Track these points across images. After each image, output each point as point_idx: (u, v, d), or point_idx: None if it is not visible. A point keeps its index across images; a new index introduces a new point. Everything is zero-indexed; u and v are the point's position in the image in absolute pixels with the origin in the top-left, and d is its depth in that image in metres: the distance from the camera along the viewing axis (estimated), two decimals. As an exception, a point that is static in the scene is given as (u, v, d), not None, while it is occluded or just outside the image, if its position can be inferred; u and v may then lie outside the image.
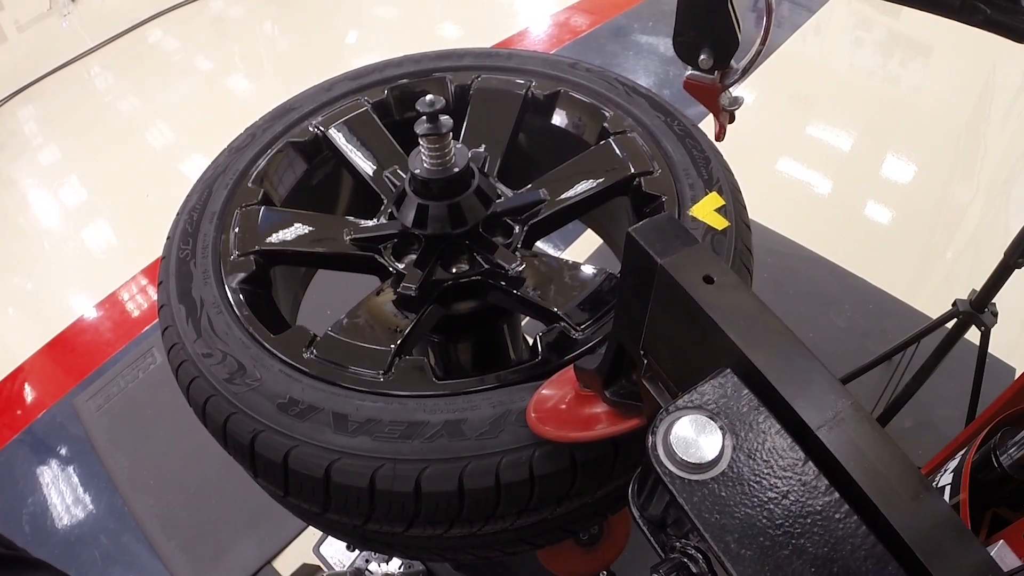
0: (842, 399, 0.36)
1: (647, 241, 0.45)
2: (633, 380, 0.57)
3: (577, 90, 1.01)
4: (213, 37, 3.72)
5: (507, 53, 1.08)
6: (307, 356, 0.73)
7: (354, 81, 1.06)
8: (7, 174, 2.94)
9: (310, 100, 1.04)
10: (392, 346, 0.74)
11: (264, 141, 0.98)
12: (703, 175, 0.86)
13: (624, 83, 1.01)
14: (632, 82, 1.02)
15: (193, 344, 0.74)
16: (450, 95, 1.05)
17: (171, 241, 0.87)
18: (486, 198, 0.84)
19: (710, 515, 0.33)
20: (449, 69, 1.06)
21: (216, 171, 0.94)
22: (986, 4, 0.72)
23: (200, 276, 0.81)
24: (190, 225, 0.88)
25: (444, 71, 1.06)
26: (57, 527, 1.81)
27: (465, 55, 1.08)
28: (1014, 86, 2.99)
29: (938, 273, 2.29)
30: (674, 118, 0.95)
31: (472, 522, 0.66)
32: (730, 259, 0.79)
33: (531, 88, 1.01)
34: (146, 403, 2.00)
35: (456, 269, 0.84)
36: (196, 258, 0.83)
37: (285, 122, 1.01)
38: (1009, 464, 0.90)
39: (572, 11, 3.59)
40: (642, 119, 0.95)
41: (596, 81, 1.01)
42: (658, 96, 1.00)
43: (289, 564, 1.67)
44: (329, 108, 1.02)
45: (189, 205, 0.91)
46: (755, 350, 0.38)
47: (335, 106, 1.02)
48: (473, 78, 1.04)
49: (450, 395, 0.68)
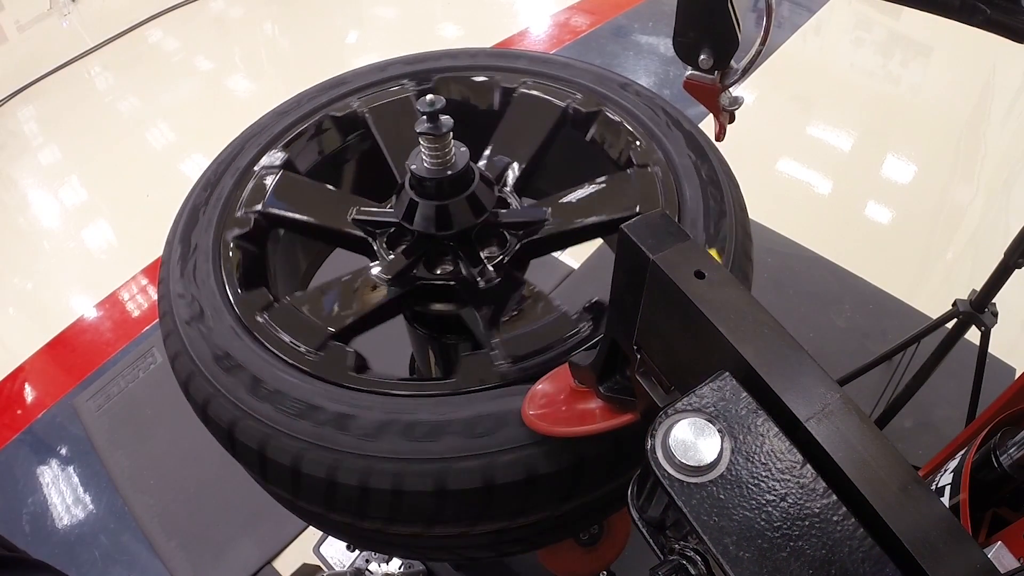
0: (831, 392, 0.37)
1: (640, 237, 0.45)
2: (627, 376, 0.58)
3: (618, 113, 0.97)
4: (213, 37, 3.72)
5: (563, 62, 1.04)
6: (259, 319, 0.75)
7: (408, 66, 1.06)
8: (7, 174, 2.95)
9: (362, 77, 1.04)
10: (331, 328, 0.76)
11: (307, 109, 1.00)
12: (709, 229, 0.82)
13: (669, 114, 0.96)
14: (679, 113, 0.97)
15: (175, 283, 0.79)
16: (496, 97, 1.03)
17: (194, 187, 0.91)
18: (480, 205, 0.83)
19: (709, 517, 0.33)
20: (501, 69, 1.04)
21: (255, 130, 0.98)
22: (986, 4, 0.72)
23: (204, 223, 0.85)
24: (214, 175, 0.92)
25: (496, 70, 1.04)
26: (57, 527, 1.81)
27: (521, 57, 1.06)
28: (1014, 86, 2.99)
29: (938, 273, 2.29)
30: (706, 161, 0.90)
31: (346, 514, 0.69)
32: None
33: (573, 103, 0.98)
34: (146, 403, 2.00)
35: (440, 270, 0.84)
36: (208, 206, 0.87)
37: (332, 94, 1.02)
38: (1009, 464, 0.90)
39: (572, 11, 3.59)
40: (672, 156, 0.90)
41: (641, 107, 0.97)
42: (700, 134, 0.93)
43: (289, 564, 1.67)
44: (377, 88, 1.02)
45: (220, 157, 0.94)
46: (745, 344, 0.39)
47: (382, 87, 1.03)
48: (520, 82, 1.01)
49: (354, 390, 0.70)
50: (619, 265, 0.49)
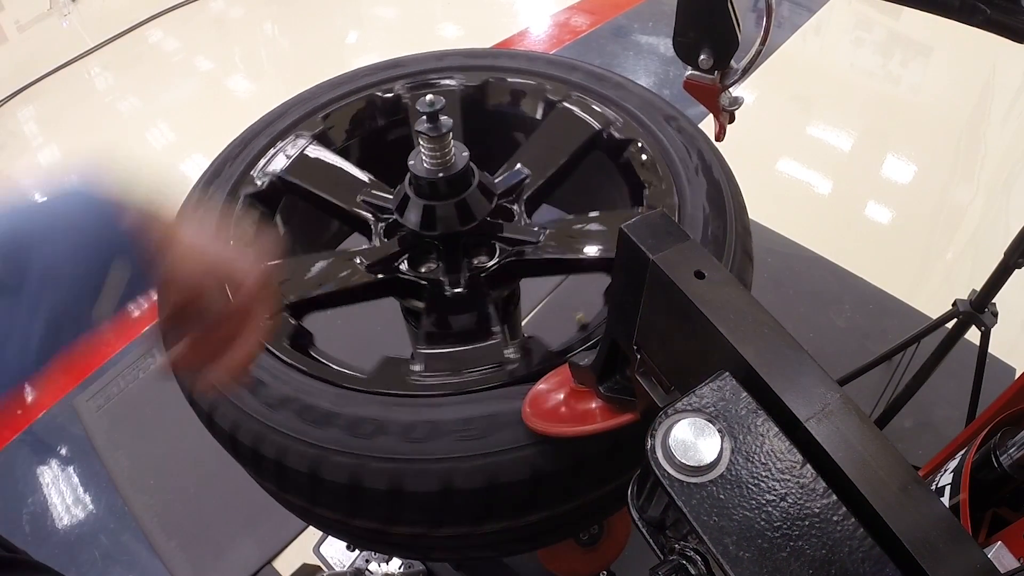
0: (831, 392, 0.37)
1: (639, 237, 0.45)
2: (627, 375, 0.58)
3: (651, 146, 0.92)
4: (213, 37, 3.72)
5: (616, 81, 1.01)
6: None
7: (466, 59, 1.05)
8: (7, 174, 2.94)
9: (418, 63, 1.05)
10: (289, 297, 0.78)
11: (358, 85, 1.02)
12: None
13: (703, 156, 0.89)
14: (713, 158, 0.89)
15: (180, 216, 0.83)
16: (539, 106, 1.02)
17: (231, 143, 0.96)
18: (470, 212, 0.82)
19: (708, 517, 0.33)
20: (556, 79, 1.02)
21: (304, 97, 1.01)
22: (986, 4, 0.72)
23: (226, 175, 0.89)
24: (250, 135, 0.96)
25: (549, 79, 1.02)
26: (57, 527, 1.81)
27: (577, 70, 1.03)
28: (1014, 86, 2.99)
29: (938, 273, 2.29)
30: (719, 217, 0.84)
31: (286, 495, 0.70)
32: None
33: (610, 127, 0.94)
34: (146, 403, 2.00)
35: (424, 268, 0.84)
36: (235, 161, 0.92)
37: (384, 75, 1.03)
38: (1009, 464, 0.90)
39: (572, 11, 3.59)
40: (685, 205, 0.85)
41: (677, 144, 0.91)
42: (729, 186, 0.86)
43: (289, 564, 1.67)
44: (429, 76, 1.02)
45: (261, 118, 0.99)
46: (745, 344, 0.39)
47: (433, 76, 1.03)
48: (565, 95, 0.99)
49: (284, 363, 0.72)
50: (619, 265, 0.49)
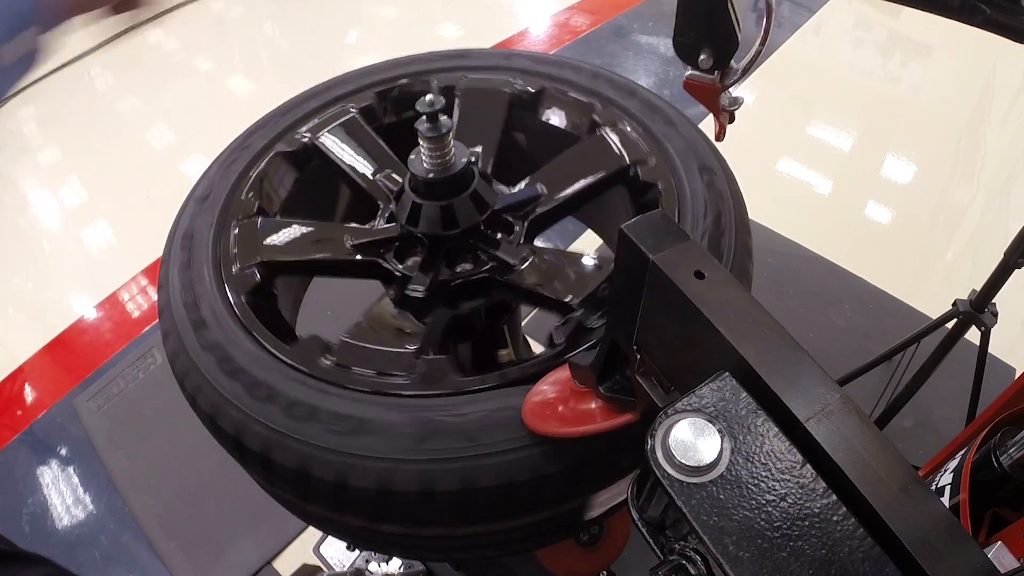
0: (831, 392, 0.37)
1: (639, 237, 0.45)
2: (627, 376, 0.58)
3: (670, 194, 0.88)
4: (213, 37, 3.72)
5: (669, 117, 0.94)
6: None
7: (532, 62, 1.03)
8: (7, 174, 2.94)
9: (484, 58, 1.05)
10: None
11: (418, 69, 1.04)
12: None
13: (719, 221, 0.83)
14: (731, 223, 0.83)
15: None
16: (583, 125, 0.98)
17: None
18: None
19: (708, 517, 0.33)
20: (612, 103, 0.96)
21: (365, 71, 1.04)
22: (986, 4, 0.72)
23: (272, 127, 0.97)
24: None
25: (603, 100, 0.97)
26: (57, 527, 1.81)
27: (634, 96, 0.96)
28: (1014, 86, 2.99)
29: (938, 273, 2.29)
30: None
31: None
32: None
33: (636, 167, 0.90)
34: (146, 403, 2.00)
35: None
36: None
37: (447, 63, 1.04)
38: (1009, 464, 0.90)
39: (572, 11, 3.59)
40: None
41: (711, 199, 0.86)
42: (734, 256, 0.81)
43: (289, 564, 1.67)
44: (488, 73, 1.01)
45: (322, 83, 1.04)
46: (745, 344, 0.39)
47: (488, 73, 1.02)
48: (610, 120, 0.94)
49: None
50: (619, 265, 0.49)
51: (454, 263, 0.84)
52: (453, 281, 0.82)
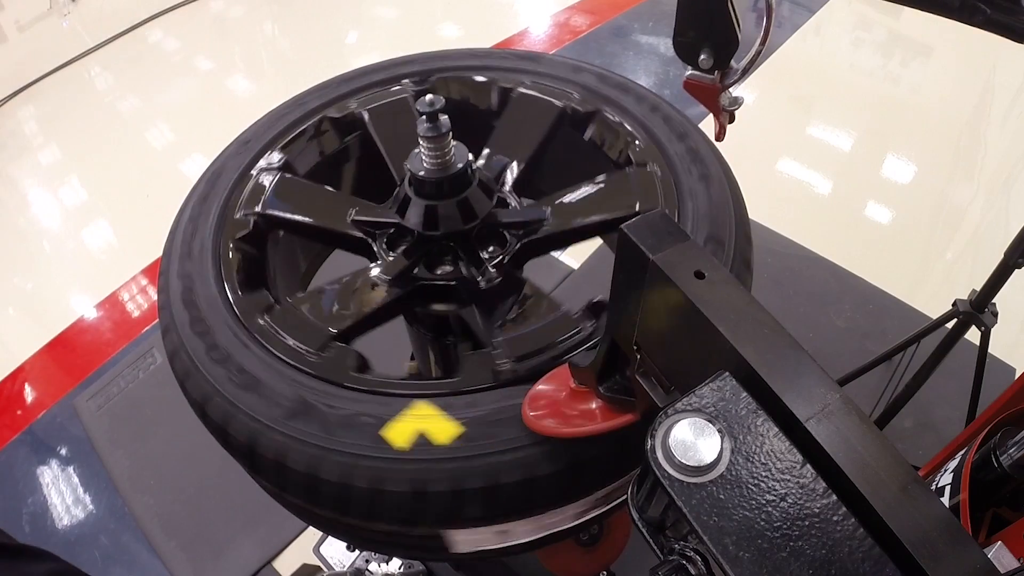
0: (831, 392, 0.37)
1: (640, 237, 0.45)
2: (627, 376, 0.58)
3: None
4: (213, 37, 3.72)
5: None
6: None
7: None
8: (7, 174, 2.95)
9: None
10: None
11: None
12: None
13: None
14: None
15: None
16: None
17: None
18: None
19: (708, 517, 0.33)
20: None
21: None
22: (986, 4, 0.72)
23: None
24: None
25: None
26: (57, 527, 1.81)
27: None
28: (1014, 86, 2.99)
29: (938, 273, 2.29)
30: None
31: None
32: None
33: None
34: (146, 403, 2.00)
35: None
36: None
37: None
38: (1009, 464, 0.90)
39: (572, 11, 3.59)
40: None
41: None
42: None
43: (289, 564, 1.67)
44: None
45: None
46: (745, 344, 0.39)
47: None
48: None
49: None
50: (619, 265, 0.49)
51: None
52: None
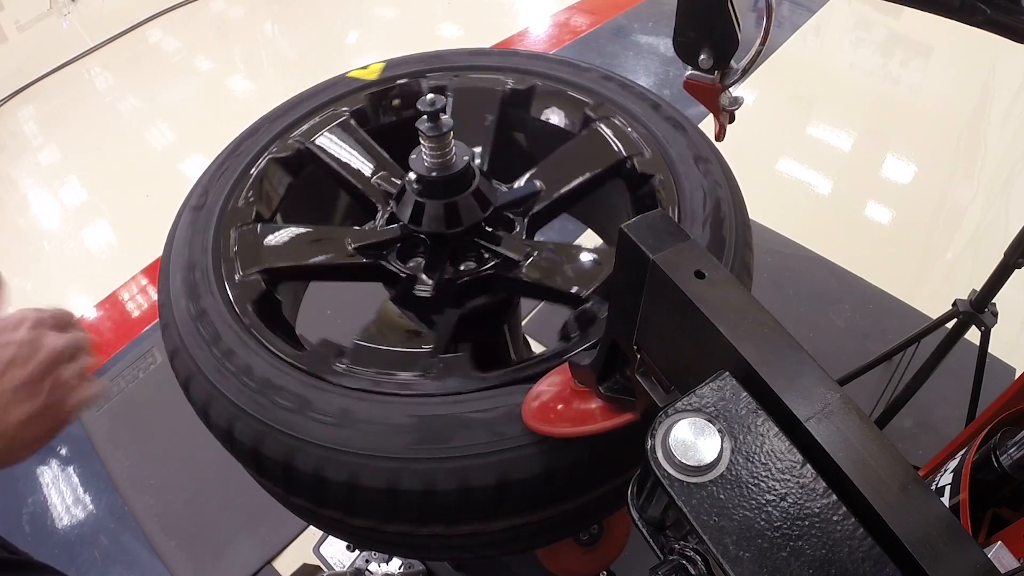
0: (831, 392, 0.37)
1: (639, 237, 0.45)
2: (627, 375, 0.58)
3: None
4: (213, 37, 3.72)
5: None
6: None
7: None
8: (7, 174, 2.94)
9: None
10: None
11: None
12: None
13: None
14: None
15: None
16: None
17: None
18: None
19: (708, 517, 0.33)
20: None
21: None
22: (986, 4, 0.72)
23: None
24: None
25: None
26: (57, 527, 1.81)
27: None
28: (1014, 86, 2.99)
29: (938, 273, 2.29)
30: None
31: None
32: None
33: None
34: (146, 403, 2.00)
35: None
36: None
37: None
38: (1009, 464, 0.90)
39: (572, 11, 3.59)
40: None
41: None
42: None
43: (289, 564, 1.67)
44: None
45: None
46: (745, 344, 0.39)
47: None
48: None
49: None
50: (619, 265, 0.49)
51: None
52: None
